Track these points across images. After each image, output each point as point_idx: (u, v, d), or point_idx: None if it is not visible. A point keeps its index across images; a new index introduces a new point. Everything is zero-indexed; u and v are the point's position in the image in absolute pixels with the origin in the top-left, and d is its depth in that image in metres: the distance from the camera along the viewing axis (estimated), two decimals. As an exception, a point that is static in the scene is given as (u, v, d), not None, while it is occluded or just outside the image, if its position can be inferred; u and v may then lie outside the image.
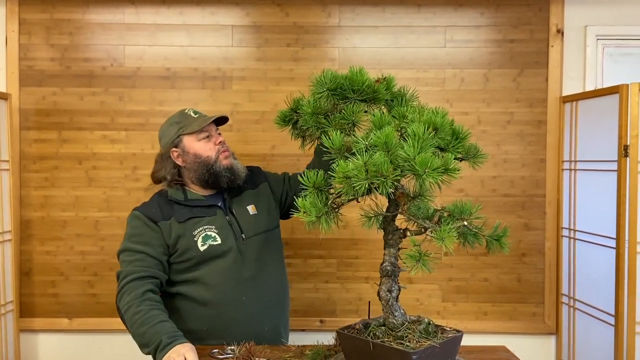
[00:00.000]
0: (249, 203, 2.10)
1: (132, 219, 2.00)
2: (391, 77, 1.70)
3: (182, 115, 2.08)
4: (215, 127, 2.09)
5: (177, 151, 2.04)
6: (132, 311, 1.81)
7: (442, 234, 1.34)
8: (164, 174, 2.06)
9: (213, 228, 1.99)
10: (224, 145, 2.05)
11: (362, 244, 2.79)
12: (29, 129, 2.75)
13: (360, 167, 1.32)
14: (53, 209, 2.77)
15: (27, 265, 2.77)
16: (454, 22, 2.76)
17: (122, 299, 1.86)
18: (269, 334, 2.01)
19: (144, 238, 1.95)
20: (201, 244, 1.96)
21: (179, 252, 1.96)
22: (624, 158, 2.31)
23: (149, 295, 1.85)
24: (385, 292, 1.54)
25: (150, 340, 1.73)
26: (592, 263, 2.56)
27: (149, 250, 1.93)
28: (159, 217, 1.97)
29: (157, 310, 1.82)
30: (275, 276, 2.09)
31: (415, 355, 1.37)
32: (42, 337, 2.81)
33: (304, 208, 1.39)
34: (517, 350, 1.99)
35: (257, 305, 2.00)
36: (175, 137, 2.03)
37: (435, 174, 1.30)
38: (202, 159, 2.01)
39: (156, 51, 2.75)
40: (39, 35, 2.74)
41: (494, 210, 2.76)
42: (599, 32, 2.75)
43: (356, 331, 1.56)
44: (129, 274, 1.88)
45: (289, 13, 2.75)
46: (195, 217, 1.99)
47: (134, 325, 1.79)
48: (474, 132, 2.75)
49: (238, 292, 1.97)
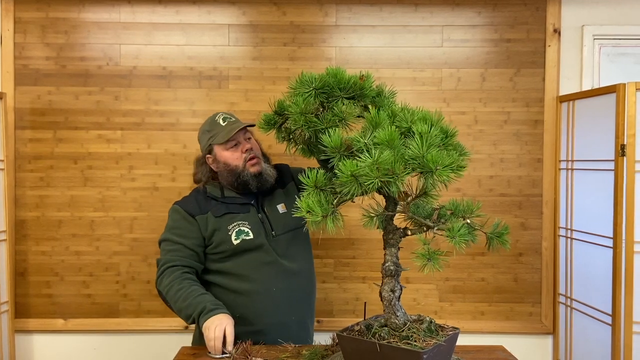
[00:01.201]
0: (279, 202, 2.22)
1: (172, 212, 2.17)
2: (369, 74, 1.72)
3: (213, 122, 2.20)
4: (244, 132, 2.19)
5: (211, 157, 2.19)
6: (174, 289, 1.98)
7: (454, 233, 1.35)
8: (201, 177, 2.23)
9: (246, 224, 2.11)
10: (250, 152, 2.15)
11: (359, 243, 2.79)
12: (24, 128, 2.73)
13: (371, 166, 1.32)
14: (48, 209, 2.75)
15: (22, 265, 2.75)
16: (451, 21, 2.76)
17: (162, 282, 2.03)
18: (295, 324, 2.14)
19: (182, 231, 2.10)
20: (235, 238, 2.09)
21: (214, 244, 2.10)
22: (621, 157, 2.31)
23: (187, 275, 2.04)
24: (388, 292, 1.53)
25: (195, 309, 1.91)
26: (589, 262, 2.56)
27: (186, 242, 2.08)
28: (197, 211, 2.12)
29: (197, 286, 2.02)
30: (303, 271, 2.20)
31: (425, 355, 1.37)
32: (37, 338, 2.79)
33: (309, 207, 1.39)
34: (514, 350, 1.99)
35: (285, 296, 2.11)
36: (207, 145, 2.18)
37: (446, 171, 1.31)
38: (230, 167, 2.14)
39: (152, 50, 2.74)
40: (34, 34, 2.73)
41: (491, 210, 2.76)
42: (596, 31, 2.76)
43: (357, 333, 1.54)
44: (168, 262, 2.06)
45: (286, 12, 2.75)
46: (231, 213, 2.13)
47: (178, 301, 1.96)
48: (471, 131, 2.76)
49: (268, 283, 2.09)
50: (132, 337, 2.80)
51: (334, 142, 1.45)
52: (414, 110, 1.52)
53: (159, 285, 2.06)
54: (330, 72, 1.64)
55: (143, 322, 2.75)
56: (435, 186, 1.37)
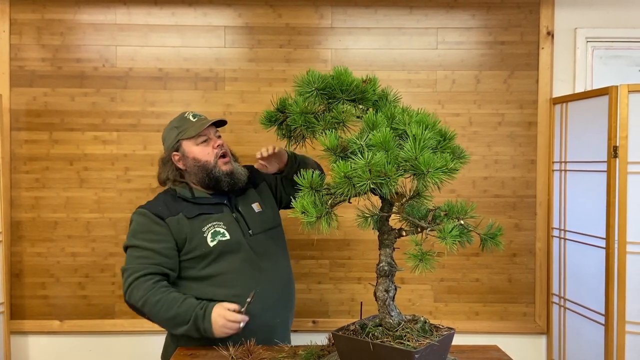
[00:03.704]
0: (254, 201, 2.14)
1: (137, 216, 2.01)
2: (375, 78, 1.72)
3: (182, 119, 2.11)
4: (214, 130, 2.11)
5: (177, 155, 2.07)
6: (151, 301, 1.86)
7: (445, 234, 1.36)
8: (167, 176, 2.10)
9: (221, 224, 2.01)
10: (222, 148, 2.07)
11: (355, 244, 2.80)
12: (20, 129, 2.73)
13: (364, 167, 1.33)
14: (44, 210, 2.75)
15: (17, 267, 2.75)
16: (446, 24, 2.78)
17: (133, 295, 1.89)
18: (280, 327, 2.06)
19: (152, 235, 1.96)
20: (210, 239, 1.98)
21: (188, 248, 1.98)
22: (614, 159, 2.33)
23: (161, 284, 1.91)
24: (382, 292, 1.55)
25: (185, 319, 1.84)
26: (582, 263, 2.58)
27: (157, 247, 1.94)
28: (166, 214, 1.98)
29: (175, 292, 1.90)
30: (284, 271, 2.13)
31: (417, 354, 1.38)
32: (32, 339, 2.79)
33: (304, 208, 1.39)
34: (509, 349, 2.00)
35: (270, 298, 2.02)
36: (175, 142, 2.07)
37: (438, 173, 1.32)
38: (200, 163, 2.04)
39: (148, 52, 2.75)
40: (30, 35, 2.73)
41: (485, 211, 2.78)
42: (589, 34, 2.78)
43: (352, 332, 1.56)
44: (135, 271, 1.91)
45: (282, 14, 2.76)
46: (204, 213, 2.02)
47: (159, 313, 1.86)
48: (466, 133, 2.78)
49: (252, 285, 1.97)
50: (128, 339, 2.80)
51: (330, 143, 1.46)
52: (412, 113, 1.53)
53: (129, 298, 1.91)
54: (336, 72, 1.64)
55: (139, 324, 2.75)
56: (428, 188, 1.38)
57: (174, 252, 1.97)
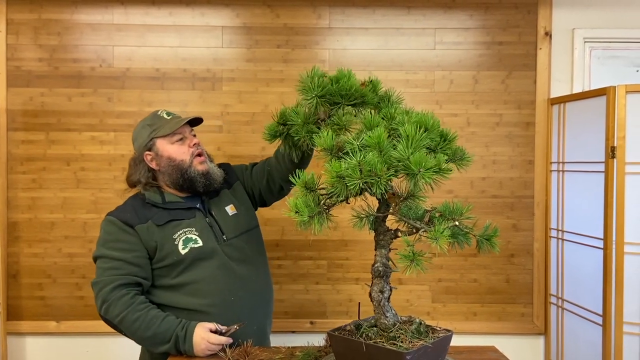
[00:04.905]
0: (227, 203, 2.05)
1: (106, 224, 1.93)
2: (377, 80, 1.71)
3: (155, 117, 2.02)
4: (189, 129, 2.03)
5: (150, 154, 1.98)
6: (129, 319, 1.81)
7: (436, 234, 1.35)
8: (138, 178, 1.99)
9: (193, 230, 1.92)
10: (198, 147, 1.99)
11: (352, 245, 2.79)
12: (17, 129, 2.73)
13: (354, 167, 1.32)
14: (41, 211, 2.74)
15: (14, 267, 2.74)
16: (443, 24, 2.78)
17: (110, 311, 1.82)
18: (256, 334, 1.96)
19: (121, 244, 1.88)
20: (182, 247, 1.89)
21: (159, 256, 1.89)
22: (611, 159, 2.33)
23: (138, 298, 1.84)
24: (377, 293, 1.54)
25: (165, 338, 1.80)
26: (580, 263, 2.58)
27: (128, 257, 1.86)
28: (135, 221, 1.89)
29: (154, 309, 1.84)
30: (260, 276, 2.05)
31: (409, 356, 1.37)
32: (29, 340, 2.78)
33: (296, 208, 1.39)
34: (506, 350, 1.99)
35: (246, 305, 1.96)
36: (148, 140, 1.97)
37: (429, 173, 1.31)
38: (175, 162, 1.95)
39: (145, 52, 2.74)
40: (26, 35, 2.72)
41: (482, 212, 2.78)
42: (587, 34, 2.78)
43: (347, 332, 1.55)
44: (107, 284, 1.83)
45: (279, 14, 2.75)
46: (175, 219, 1.92)
47: (137, 332, 1.81)
48: (463, 133, 2.78)
49: (226, 293, 1.92)
50: (125, 340, 2.76)
51: (326, 143, 1.45)
52: (411, 114, 1.52)
53: (105, 314, 1.83)
54: (338, 75, 1.63)
55: (136, 324, 2.75)
56: (421, 188, 1.38)
57: (145, 260, 1.89)
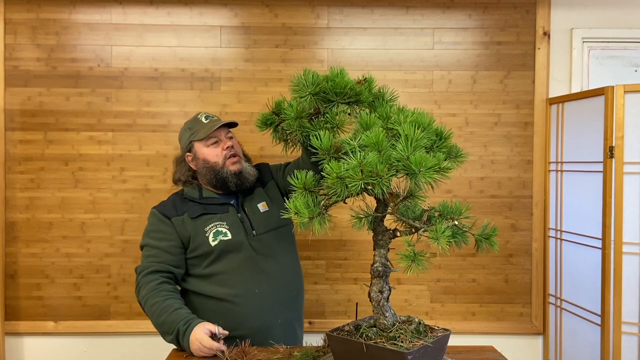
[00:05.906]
0: (260, 201, 2.18)
1: (150, 216, 2.13)
2: (371, 78, 1.71)
3: (195, 120, 2.19)
4: (225, 131, 2.18)
5: (190, 155, 2.17)
6: (149, 303, 1.95)
7: (437, 234, 1.35)
8: (179, 176, 2.20)
9: (224, 224, 2.07)
10: (231, 149, 2.13)
11: (351, 245, 2.79)
12: (14, 129, 2.72)
13: (355, 168, 1.32)
14: (39, 211, 2.74)
15: (12, 267, 2.74)
16: (442, 24, 2.78)
17: (139, 293, 1.99)
18: (280, 327, 2.08)
19: (159, 234, 2.06)
20: (212, 239, 2.04)
21: (192, 246, 2.06)
22: (610, 159, 2.33)
23: (163, 286, 1.98)
24: (377, 293, 1.54)
25: (170, 329, 1.88)
26: (578, 263, 2.58)
27: (163, 246, 2.04)
28: (172, 213, 2.08)
29: (172, 299, 1.95)
30: (288, 271, 2.16)
31: (410, 356, 1.37)
32: (27, 341, 2.78)
33: (296, 209, 1.39)
34: (505, 350, 2.00)
35: (270, 298, 2.06)
36: (188, 143, 2.16)
37: (429, 172, 1.31)
38: (210, 164, 2.11)
39: (144, 52, 2.74)
40: (24, 35, 2.71)
41: (481, 211, 2.78)
42: (585, 34, 2.78)
43: (347, 333, 1.55)
44: (144, 268, 2.02)
45: (278, 14, 2.75)
46: (208, 213, 2.09)
47: (152, 316, 1.94)
48: (462, 133, 2.78)
49: (251, 285, 2.04)
50: (123, 340, 2.79)
51: (323, 144, 1.45)
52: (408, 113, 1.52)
53: (138, 296, 2.02)
54: (331, 74, 1.63)
55: (134, 325, 2.74)
56: (421, 188, 1.38)
57: (179, 249, 2.06)
